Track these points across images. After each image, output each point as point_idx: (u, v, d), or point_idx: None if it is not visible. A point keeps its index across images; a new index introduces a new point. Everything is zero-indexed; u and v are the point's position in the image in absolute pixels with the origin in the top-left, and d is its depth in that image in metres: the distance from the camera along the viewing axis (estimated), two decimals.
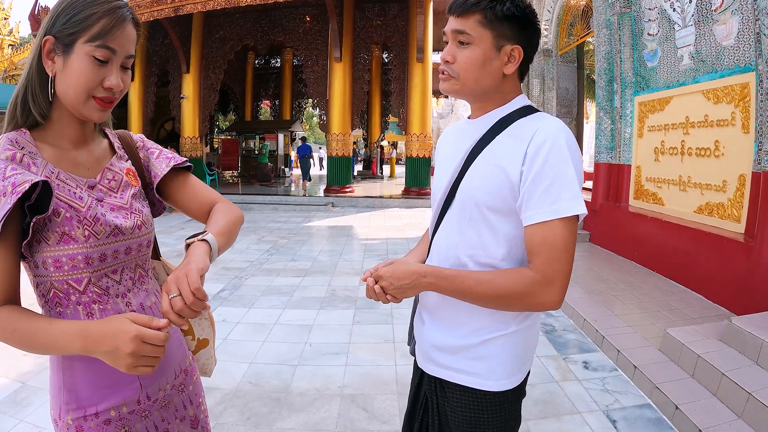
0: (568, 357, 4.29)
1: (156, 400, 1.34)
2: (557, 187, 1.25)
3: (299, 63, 22.34)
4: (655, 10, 6.77)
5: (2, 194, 1.06)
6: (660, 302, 5.26)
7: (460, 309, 1.43)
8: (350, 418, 3.37)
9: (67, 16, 1.15)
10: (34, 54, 1.18)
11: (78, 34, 1.14)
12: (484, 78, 1.38)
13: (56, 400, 1.23)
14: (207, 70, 17.88)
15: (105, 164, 1.34)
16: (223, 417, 3.37)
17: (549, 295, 1.26)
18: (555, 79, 11.87)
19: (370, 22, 16.46)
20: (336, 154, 16.27)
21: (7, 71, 23.22)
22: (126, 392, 1.26)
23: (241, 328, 5.05)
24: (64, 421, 1.22)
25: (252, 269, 7.60)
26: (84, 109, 1.19)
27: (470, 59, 1.36)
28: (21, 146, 1.15)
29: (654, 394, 3.50)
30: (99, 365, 1.19)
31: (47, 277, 1.17)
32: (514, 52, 1.36)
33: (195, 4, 14.34)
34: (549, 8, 11.74)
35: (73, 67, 1.15)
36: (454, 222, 1.44)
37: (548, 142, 1.27)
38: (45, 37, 1.16)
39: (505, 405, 1.44)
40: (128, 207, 1.32)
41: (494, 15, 1.33)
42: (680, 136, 6.27)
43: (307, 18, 17.22)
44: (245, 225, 12.07)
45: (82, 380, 1.22)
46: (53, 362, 1.24)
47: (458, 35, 1.37)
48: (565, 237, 1.25)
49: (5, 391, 3.77)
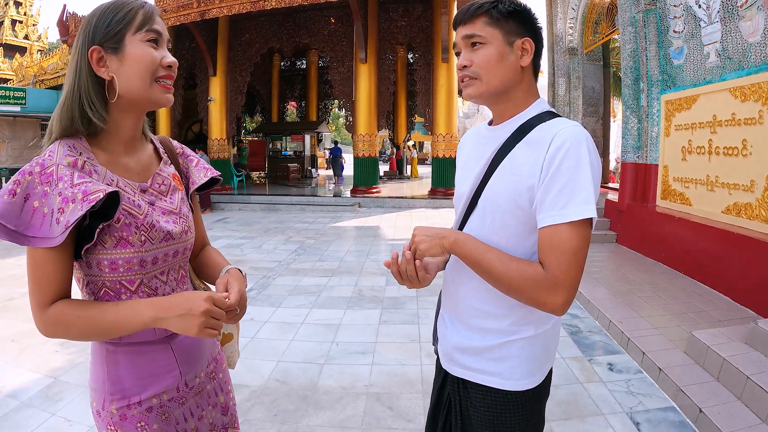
0: (593, 358, 4.29)
1: (192, 387, 1.43)
2: (569, 191, 1.26)
3: (324, 64, 22.52)
4: (680, 7, 6.72)
5: (71, 200, 1.13)
6: (686, 304, 5.22)
7: (480, 313, 1.47)
8: (375, 416, 3.43)
9: (105, 22, 1.23)
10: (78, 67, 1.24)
11: (124, 30, 1.24)
12: (505, 73, 1.41)
13: (99, 392, 1.31)
14: (233, 73, 18.09)
15: (154, 169, 1.42)
16: (251, 414, 3.46)
17: (552, 297, 1.27)
18: (581, 78, 11.76)
19: (395, 22, 16.48)
20: (362, 154, 16.32)
21: (37, 76, 23.74)
22: (167, 380, 1.36)
23: (269, 326, 5.14)
24: (108, 411, 1.30)
25: (280, 269, 7.70)
26: (152, 94, 1.28)
27: (487, 56, 1.40)
28: (79, 152, 1.23)
29: (678, 397, 3.50)
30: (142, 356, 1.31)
31: (99, 277, 1.25)
32: (526, 44, 1.41)
33: (220, 8, 14.56)
34: (573, 6, 11.64)
35: (132, 58, 1.24)
36: (477, 227, 1.47)
37: (564, 146, 1.28)
38: (90, 48, 1.23)
39: (527, 404, 1.46)
40: (177, 211, 1.41)
41: (499, 13, 1.39)
42: (707, 135, 6.20)
43: (331, 20, 17.30)
44: (273, 225, 12.22)
45: (126, 371, 1.30)
46: (96, 357, 1.32)
47: (470, 39, 1.42)
48: (573, 241, 1.26)
49: (37, 386, 3.92)
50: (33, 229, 1.13)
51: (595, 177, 1.30)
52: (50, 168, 1.16)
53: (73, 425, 3.35)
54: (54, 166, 1.17)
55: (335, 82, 17.70)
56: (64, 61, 22.05)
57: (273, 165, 24.65)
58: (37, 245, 1.13)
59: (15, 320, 5.53)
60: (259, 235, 10.88)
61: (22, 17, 30.15)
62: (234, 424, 1.61)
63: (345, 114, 18.95)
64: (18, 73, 26.51)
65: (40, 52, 28.89)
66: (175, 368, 1.38)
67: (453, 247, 1.38)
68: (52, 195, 1.14)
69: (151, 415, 1.32)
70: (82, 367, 4.24)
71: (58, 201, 1.14)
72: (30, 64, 26.27)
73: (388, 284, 6.73)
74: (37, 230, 1.13)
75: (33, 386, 3.93)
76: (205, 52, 16.84)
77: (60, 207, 1.13)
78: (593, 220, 1.29)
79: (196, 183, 1.56)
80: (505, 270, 1.30)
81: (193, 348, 1.45)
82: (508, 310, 1.43)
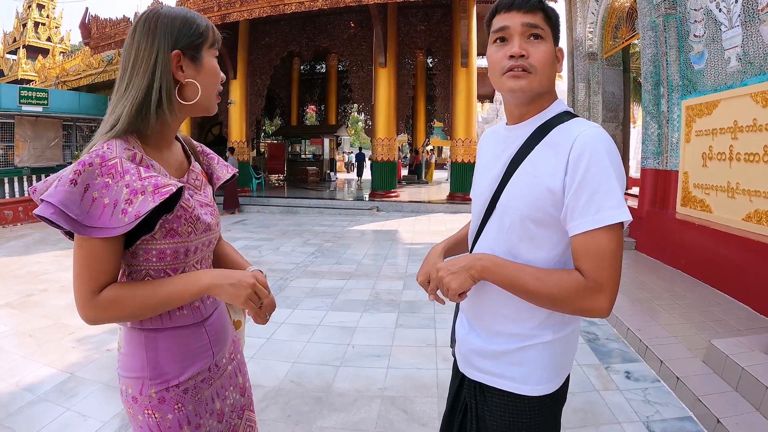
0: (610, 366, 4.25)
1: (219, 368, 1.51)
2: (600, 196, 1.25)
3: (344, 68, 22.58)
4: (700, 11, 6.64)
5: (140, 192, 1.20)
6: (705, 312, 5.16)
7: (499, 316, 1.46)
8: (389, 419, 3.44)
9: (188, 31, 1.33)
10: (156, 67, 1.29)
11: (203, 42, 1.37)
12: (552, 75, 1.41)
13: (137, 379, 1.35)
14: (253, 76, 18.28)
15: (186, 166, 1.50)
16: (265, 413, 3.49)
17: (598, 302, 1.26)
18: (601, 83, 11.67)
19: (414, 27, 16.51)
20: (381, 158, 16.38)
21: (59, 77, 24.14)
22: (202, 361, 1.44)
23: (285, 328, 5.18)
24: (146, 395, 1.34)
25: (297, 271, 7.75)
26: (212, 103, 1.42)
27: (547, 53, 1.38)
28: (133, 148, 1.29)
29: (696, 407, 3.45)
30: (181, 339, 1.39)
31: (145, 266, 1.32)
32: (559, 53, 1.43)
33: (241, 12, 14.72)
34: (593, 10, 11.57)
35: (208, 68, 1.38)
36: (495, 231, 1.46)
37: (588, 150, 1.27)
38: (173, 51, 1.31)
39: (542, 410, 1.45)
40: (212, 204, 1.52)
41: (551, 17, 1.40)
42: (728, 141, 6.12)
43: (351, 24, 17.39)
44: (291, 228, 12.29)
45: (166, 355, 1.36)
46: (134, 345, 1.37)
47: (532, 29, 1.37)
48: (612, 244, 1.25)
49: (53, 382, 4.01)
50: (92, 219, 1.17)
51: (620, 178, 1.28)
52: (112, 160, 1.21)
53: (88, 420, 3.41)
54: (116, 158, 1.21)
55: (354, 86, 17.79)
56: (86, 62, 22.39)
57: (292, 168, 24.80)
58: (95, 235, 1.17)
59: (33, 316, 5.64)
60: (277, 237, 10.95)
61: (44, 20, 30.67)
62: (250, 407, 1.67)
63: (364, 118, 18.99)
64: (40, 74, 26.96)
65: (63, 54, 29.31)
66: (209, 349, 1.46)
67: (483, 274, 1.35)
68: (116, 187, 1.19)
69: (187, 396, 1.39)
70: (98, 364, 4.31)
71: (125, 192, 1.19)
72: (52, 65, 26.69)
73: (405, 288, 6.74)
74: (96, 220, 1.17)
75: (49, 381, 4.01)
76: (226, 55, 16.98)
77: (128, 198, 1.19)
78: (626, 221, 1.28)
79: (221, 179, 1.65)
80: (544, 285, 1.29)
81: (222, 329, 1.53)
82: (529, 314, 1.41)
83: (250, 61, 18.09)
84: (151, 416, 1.35)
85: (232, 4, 14.74)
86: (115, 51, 19.83)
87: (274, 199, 16.51)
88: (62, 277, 7.46)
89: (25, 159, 14.26)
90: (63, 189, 1.15)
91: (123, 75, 1.31)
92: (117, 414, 3.48)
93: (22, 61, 28.52)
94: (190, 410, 1.39)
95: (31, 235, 11.59)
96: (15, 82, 26.01)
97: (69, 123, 16.03)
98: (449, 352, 1.76)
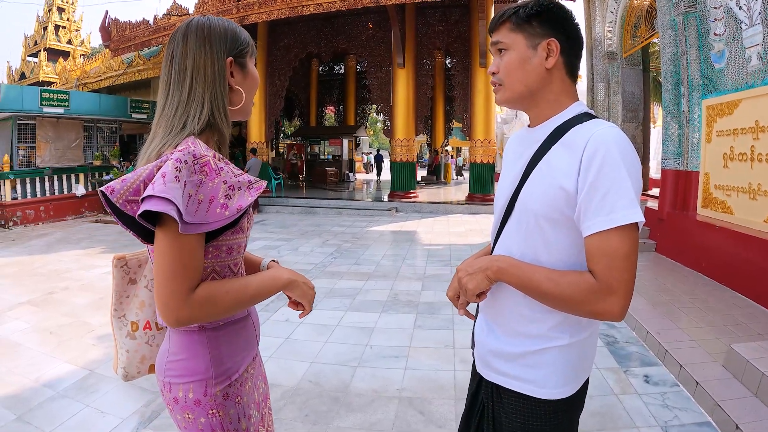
0: (629, 370, 4.22)
1: (256, 357, 1.56)
2: (613, 196, 1.24)
3: (362, 69, 22.61)
4: (720, 9, 6.57)
5: (237, 188, 1.30)
6: (726, 316, 5.09)
7: (517, 315, 1.46)
8: (407, 420, 3.45)
9: (237, 40, 1.42)
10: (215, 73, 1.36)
11: (249, 52, 1.47)
12: (527, 77, 1.43)
13: (200, 382, 1.35)
14: (272, 77, 18.38)
15: None
16: (283, 413, 3.53)
17: (610, 305, 1.25)
18: (620, 83, 11.58)
19: (432, 27, 16.50)
20: (400, 159, 16.39)
21: (80, 79, 24.46)
22: (252, 352, 1.52)
23: (303, 328, 5.21)
24: (211, 395, 1.36)
25: (316, 272, 7.79)
26: (250, 107, 1.51)
27: (508, 62, 1.44)
28: (211, 148, 1.35)
29: (715, 412, 3.41)
30: (237, 333, 1.45)
31: (211, 262, 1.35)
32: (551, 44, 1.40)
33: (259, 14, 14.82)
34: (612, 9, 11.48)
35: (252, 76, 1.49)
36: (514, 231, 1.47)
37: (602, 149, 1.27)
38: (227, 59, 1.38)
39: (558, 415, 1.45)
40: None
41: (520, 18, 1.41)
42: (749, 141, 6.04)
43: (369, 25, 17.41)
44: (310, 228, 12.35)
45: (226, 351, 1.40)
46: (194, 347, 1.37)
47: (495, 46, 1.48)
48: (624, 246, 1.24)
49: (72, 378, 4.09)
50: (188, 216, 1.19)
51: (634, 179, 1.28)
52: (204, 159, 1.24)
53: (106, 416, 3.48)
54: (207, 157, 1.26)
55: (373, 87, 17.81)
56: (107, 65, 22.68)
57: (311, 169, 24.90)
58: (191, 231, 1.20)
59: (55, 313, 5.76)
60: (296, 238, 11.03)
61: (65, 23, 31.01)
62: (268, 394, 1.69)
63: (383, 119, 19.01)
64: (61, 76, 27.30)
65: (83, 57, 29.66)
66: (255, 339, 1.54)
67: (499, 275, 1.38)
68: (211, 183, 1.24)
69: (242, 388, 1.44)
70: None
71: (223, 188, 1.26)
72: (73, 67, 27.00)
73: (424, 289, 6.75)
74: (192, 216, 1.20)
75: (69, 377, 4.10)
76: None
77: (227, 194, 1.26)
78: (640, 223, 1.27)
79: None
80: (556, 286, 1.30)
81: (258, 319, 1.60)
82: (546, 315, 1.41)
83: (269, 63, 18.20)
84: (215, 415, 1.36)
85: (251, 6, 14.85)
86: (135, 53, 20.07)
87: (293, 200, 16.60)
88: (83, 276, 7.58)
89: (46, 159, 14.46)
90: (172, 185, 1.15)
91: (181, 80, 1.34)
92: (136, 411, 3.54)
93: (43, 64, 28.91)
94: (245, 402, 1.44)
95: (52, 234, 11.80)
96: (36, 84, 26.34)
97: (90, 124, 16.21)
98: (467, 354, 1.78)
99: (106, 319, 5.44)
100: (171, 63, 1.36)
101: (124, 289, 1.58)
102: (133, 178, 1.21)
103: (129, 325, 1.57)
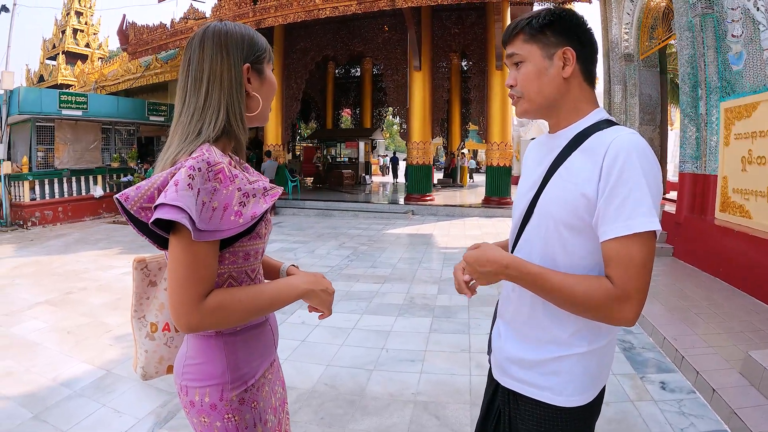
0: (646, 376, 4.17)
1: (273, 362, 1.57)
2: (632, 203, 1.24)
3: (379, 72, 22.73)
4: (738, 10, 6.48)
5: (251, 195, 1.30)
6: (744, 322, 5.01)
7: (536, 324, 1.46)
8: (422, 424, 3.44)
9: (254, 47, 1.41)
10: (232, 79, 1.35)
11: (266, 58, 1.45)
12: (546, 87, 1.42)
13: (216, 386, 1.36)
14: (289, 80, 18.49)
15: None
16: (298, 415, 3.53)
17: (623, 312, 1.25)
18: (637, 85, 11.45)
19: (448, 30, 16.51)
20: (416, 162, 16.38)
21: (98, 82, 24.74)
22: (270, 358, 1.51)
23: (319, 331, 5.21)
24: (227, 400, 1.36)
25: (332, 274, 7.80)
26: (267, 113, 1.50)
27: (526, 74, 1.43)
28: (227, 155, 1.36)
29: (731, 420, 3.35)
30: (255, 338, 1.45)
31: (228, 268, 1.35)
32: (566, 53, 1.40)
33: (276, 18, 14.90)
34: (629, 11, 11.37)
35: (269, 82, 1.47)
36: (532, 236, 1.47)
37: (621, 156, 1.26)
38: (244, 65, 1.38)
39: (575, 422, 1.44)
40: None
41: (533, 29, 1.41)
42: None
43: (385, 28, 17.47)
44: (326, 230, 12.38)
45: (243, 356, 1.40)
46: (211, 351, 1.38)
47: (511, 58, 1.47)
48: (641, 253, 1.25)
49: (90, 378, 4.14)
50: (201, 223, 1.19)
51: (654, 186, 1.27)
52: (218, 165, 1.24)
53: (123, 416, 3.51)
54: (222, 164, 1.25)
55: (389, 90, 17.88)
56: (124, 68, 22.97)
57: (326, 171, 24.98)
58: (204, 239, 1.20)
59: (73, 313, 5.83)
60: (312, 240, 11.05)
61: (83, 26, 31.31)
62: (286, 398, 1.68)
63: (399, 121, 19.05)
64: (80, 79, 27.62)
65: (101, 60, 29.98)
66: (273, 345, 1.54)
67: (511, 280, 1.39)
68: (225, 191, 1.23)
69: (259, 393, 1.44)
70: None
71: (237, 196, 1.26)
72: (91, 70, 27.28)
73: (440, 292, 6.73)
74: (206, 224, 1.20)
75: (86, 377, 4.15)
76: None
77: (241, 201, 1.26)
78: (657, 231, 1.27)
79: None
80: (571, 290, 1.29)
81: (276, 325, 1.60)
82: (566, 322, 1.41)
83: (286, 66, 18.29)
84: (231, 420, 1.37)
85: (267, 10, 14.93)
86: (152, 57, 20.26)
87: (310, 202, 16.65)
88: (101, 276, 7.67)
89: (64, 161, 14.65)
90: (185, 193, 1.15)
91: (197, 87, 1.34)
92: (151, 411, 3.57)
93: (61, 67, 29.19)
94: (261, 407, 1.43)
95: (70, 234, 11.95)
96: (55, 87, 26.62)
97: (108, 126, 16.38)
98: (483, 358, 1.77)
99: (123, 320, 5.51)
100: (188, 69, 1.36)
101: (144, 290, 1.59)
102: (148, 185, 1.22)
103: (148, 326, 1.58)
